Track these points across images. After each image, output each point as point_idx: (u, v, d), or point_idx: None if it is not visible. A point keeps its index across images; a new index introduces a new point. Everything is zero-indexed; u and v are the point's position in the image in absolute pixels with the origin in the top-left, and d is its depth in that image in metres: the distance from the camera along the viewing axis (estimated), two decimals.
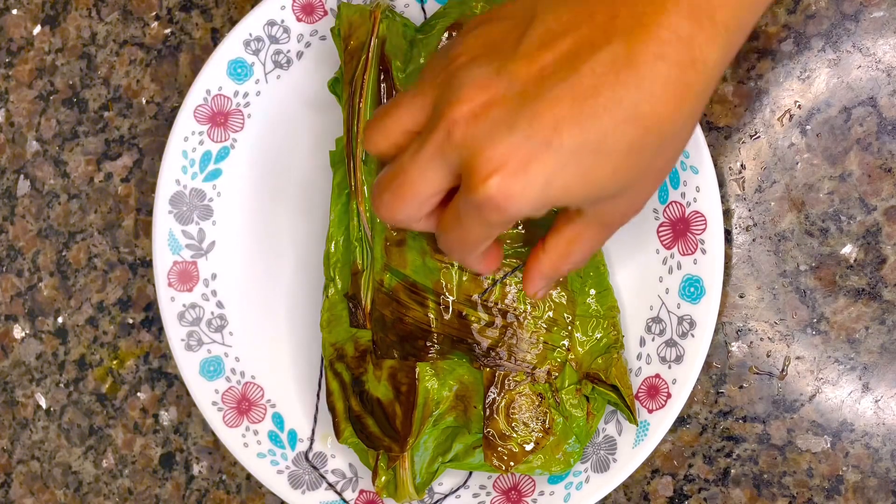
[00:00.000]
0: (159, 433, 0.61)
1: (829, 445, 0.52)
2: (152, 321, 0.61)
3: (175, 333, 0.56)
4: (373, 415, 0.51)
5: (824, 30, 0.53)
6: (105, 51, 0.62)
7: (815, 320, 0.53)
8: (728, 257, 0.54)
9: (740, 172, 0.54)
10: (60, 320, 0.62)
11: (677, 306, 0.52)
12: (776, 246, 0.53)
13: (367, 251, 0.52)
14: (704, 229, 0.51)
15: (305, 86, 0.57)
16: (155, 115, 0.61)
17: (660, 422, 0.51)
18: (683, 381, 0.51)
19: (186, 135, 0.57)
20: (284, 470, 0.56)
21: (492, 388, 0.50)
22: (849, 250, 0.52)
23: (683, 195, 0.52)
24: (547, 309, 0.50)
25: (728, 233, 0.54)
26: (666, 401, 0.51)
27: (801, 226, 0.53)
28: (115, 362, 0.61)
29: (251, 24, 0.56)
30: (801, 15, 0.53)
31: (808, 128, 0.53)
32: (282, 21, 0.56)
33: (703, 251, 0.51)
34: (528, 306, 0.50)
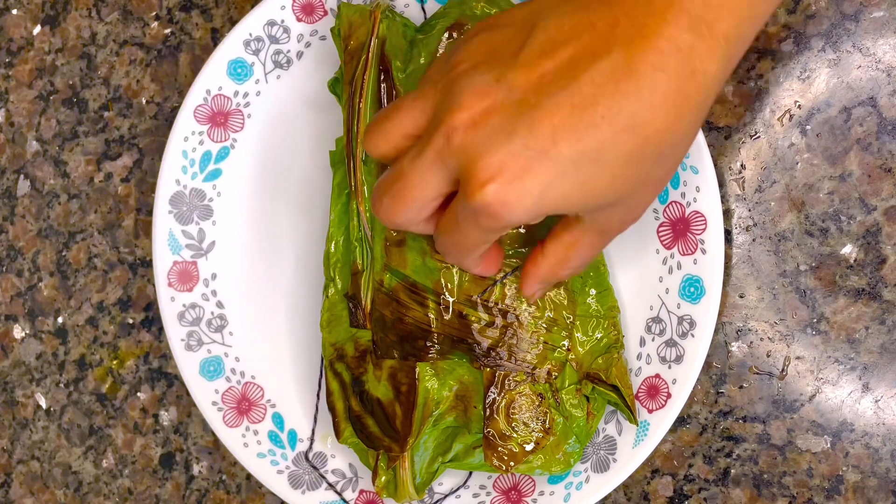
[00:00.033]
0: (159, 433, 0.61)
1: (829, 445, 0.52)
2: (152, 321, 0.61)
3: (175, 333, 0.56)
4: (373, 415, 0.51)
5: (824, 30, 0.53)
6: (105, 51, 0.62)
7: (815, 320, 0.53)
8: (728, 257, 0.54)
9: (740, 172, 0.54)
10: (60, 320, 0.62)
11: (677, 306, 0.52)
12: (776, 246, 0.53)
13: (367, 251, 0.52)
14: (704, 229, 0.51)
15: (305, 86, 0.57)
16: (155, 115, 0.61)
17: (660, 422, 0.51)
18: (683, 381, 0.51)
19: (186, 135, 0.57)
20: (284, 470, 0.56)
21: (492, 388, 0.50)
22: (849, 250, 0.52)
23: (683, 195, 0.52)
24: (547, 309, 0.50)
25: (728, 233, 0.54)
26: (666, 401, 0.51)
27: (801, 226, 0.53)
28: (115, 362, 0.61)
29: (251, 24, 0.56)
30: (801, 15, 0.53)
31: (808, 128, 0.53)
32: (282, 21, 0.56)
33: (703, 251, 0.51)
34: (528, 306, 0.50)
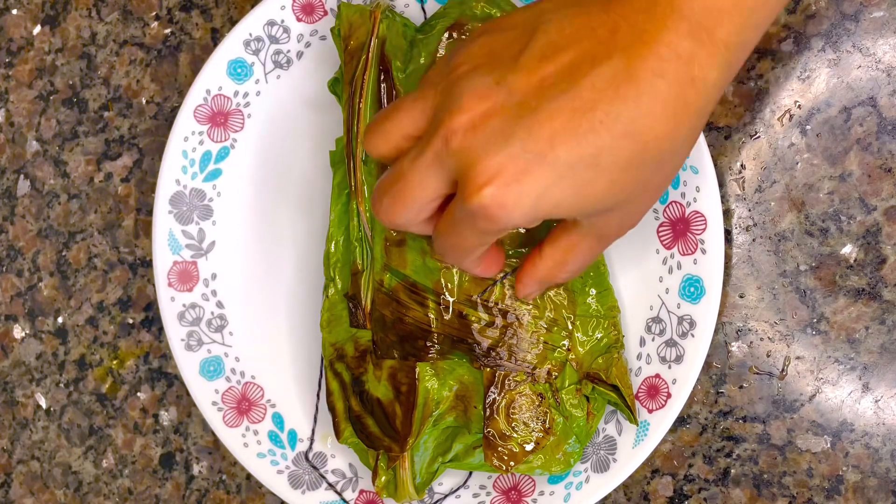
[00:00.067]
0: (159, 433, 0.61)
1: (829, 445, 0.52)
2: (152, 321, 0.61)
3: (175, 333, 0.56)
4: (373, 415, 0.51)
5: (824, 30, 0.53)
6: (105, 51, 0.62)
7: (815, 320, 0.53)
8: (728, 257, 0.54)
9: (740, 172, 0.54)
10: (60, 320, 0.62)
11: (677, 306, 0.52)
12: (776, 246, 0.53)
13: (367, 251, 0.52)
14: (704, 229, 0.51)
15: (305, 86, 0.57)
16: (155, 115, 0.61)
17: (660, 422, 0.51)
18: (683, 381, 0.51)
19: (186, 135, 0.57)
20: (284, 470, 0.56)
21: (492, 388, 0.50)
22: (849, 250, 0.52)
23: (683, 195, 0.52)
24: (547, 309, 0.50)
25: (728, 233, 0.54)
26: (666, 401, 0.51)
27: (801, 226, 0.53)
28: (115, 362, 0.61)
29: (251, 24, 0.56)
30: (801, 15, 0.53)
31: (808, 128, 0.53)
32: (282, 21, 0.56)
33: (703, 251, 0.51)
34: (528, 306, 0.50)
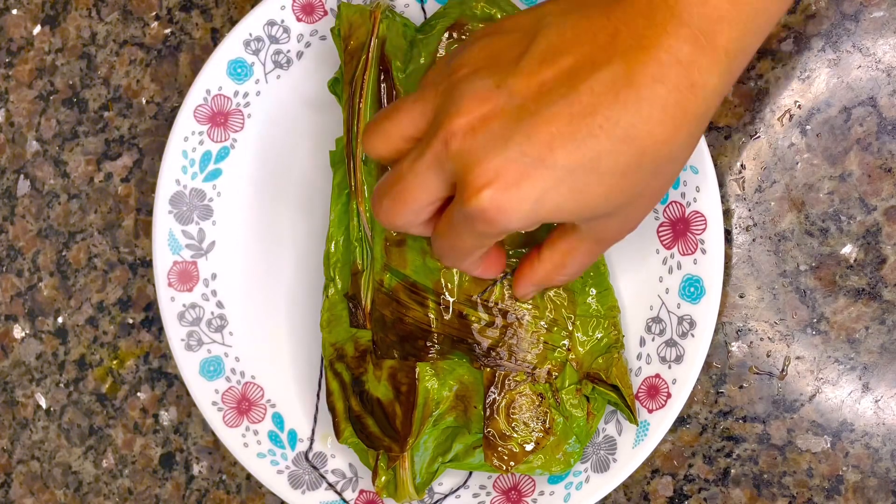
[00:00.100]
0: (159, 433, 0.61)
1: (829, 445, 0.52)
2: (152, 321, 0.61)
3: (175, 333, 0.56)
4: (373, 415, 0.51)
5: (824, 30, 0.53)
6: (105, 51, 0.62)
7: (815, 320, 0.53)
8: (728, 257, 0.54)
9: (740, 172, 0.54)
10: (60, 320, 0.62)
11: (677, 306, 0.52)
12: (776, 246, 0.53)
13: (367, 251, 0.52)
14: (704, 229, 0.51)
15: (305, 86, 0.57)
16: (155, 115, 0.61)
17: (660, 422, 0.51)
18: (683, 381, 0.51)
19: (186, 135, 0.57)
20: (284, 470, 0.56)
21: (492, 388, 0.50)
22: (849, 250, 0.52)
23: (683, 195, 0.52)
24: (547, 309, 0.50)
25: (728, 233, 0.54)
26: (666, 401, 0.51)
27: (801, 226, 0.53)
28: (115, 362, 0.61)
29: (251, 24, 0.56)
30: (801, 15, 0.53)
31: (808, 128, 0.53)
32: (282, 21, 0.56)
33: (703, 251, 0.51)
34: (528, 306, 0.50)
